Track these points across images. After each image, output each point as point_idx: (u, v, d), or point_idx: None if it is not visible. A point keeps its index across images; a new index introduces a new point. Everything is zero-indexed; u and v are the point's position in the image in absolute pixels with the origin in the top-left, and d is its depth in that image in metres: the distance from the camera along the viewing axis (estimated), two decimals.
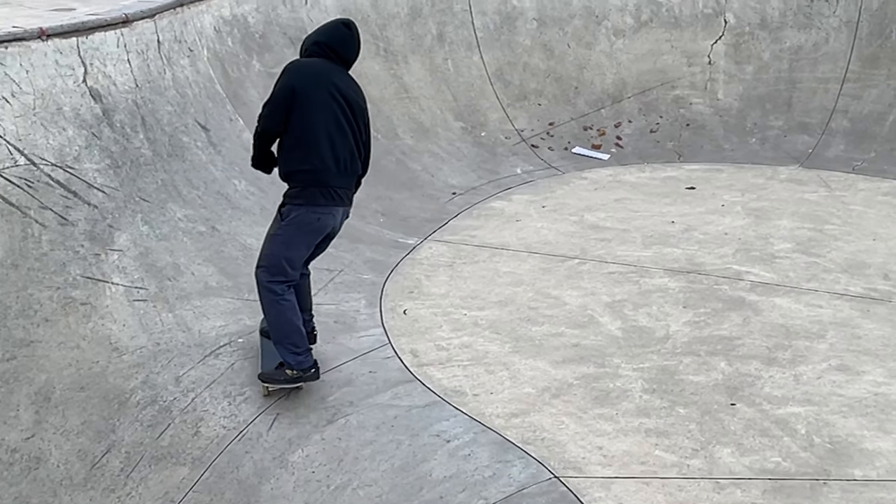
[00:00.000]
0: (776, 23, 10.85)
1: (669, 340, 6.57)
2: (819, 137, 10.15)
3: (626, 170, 9.82)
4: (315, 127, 5.83)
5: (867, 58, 10.51)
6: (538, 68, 10.61)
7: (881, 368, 6.18)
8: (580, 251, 7.96)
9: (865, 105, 10.28)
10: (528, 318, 6.88)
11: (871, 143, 9.97)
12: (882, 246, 7.97)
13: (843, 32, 10.67)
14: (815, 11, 10.79)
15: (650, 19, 10.95)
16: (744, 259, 7.75)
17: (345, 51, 6.03)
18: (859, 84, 10.41)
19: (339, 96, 5.87)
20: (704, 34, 10.91)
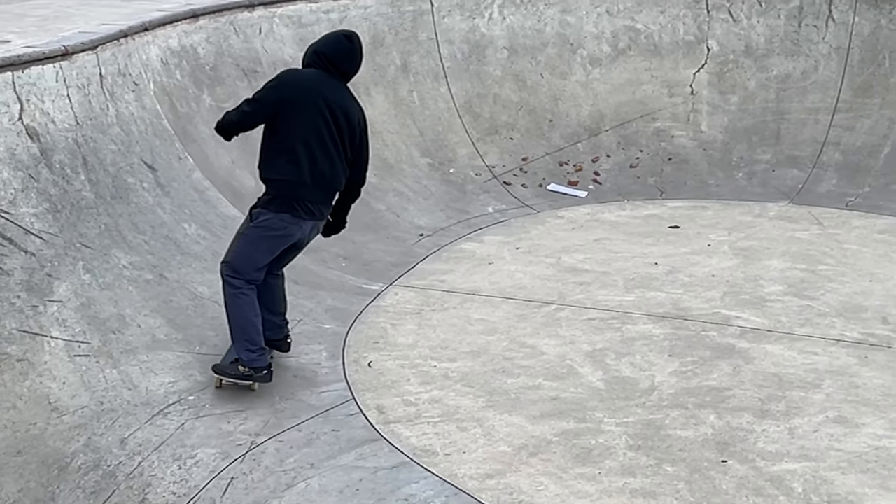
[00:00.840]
0: (762, 50, 10.94)
1: (655, 392, 6.54)
2: (810, 171, 10.21)
3: (605, 207, 9.83)
4: (296, 139, 6.21)
5: (859, 86, 10.60)
6: (510, 100, 10.63)
7: (882, 420, 6.17)
8: (558, 296, 7.94)
9: (858, 137, 10.36)
10: (503, 370, 6.84)
11: (865, 176, 10.04)
12: (879, 287, 7.99)
13: (834, 60, 10.77)
14: (803, 38, 10.89)
15: (628, 47, 11.01)
16: (733, 303, 7.76)
17: (343, 63, 6.39)
18: (851, 114, 10.50)
19: (327, 110, 6.22)
20: (686, 62, 10.98)
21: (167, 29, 8.78)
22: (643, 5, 11.13)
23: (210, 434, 6.02)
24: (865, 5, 10.79)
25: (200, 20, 9.15)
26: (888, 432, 6.05)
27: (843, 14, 10.84)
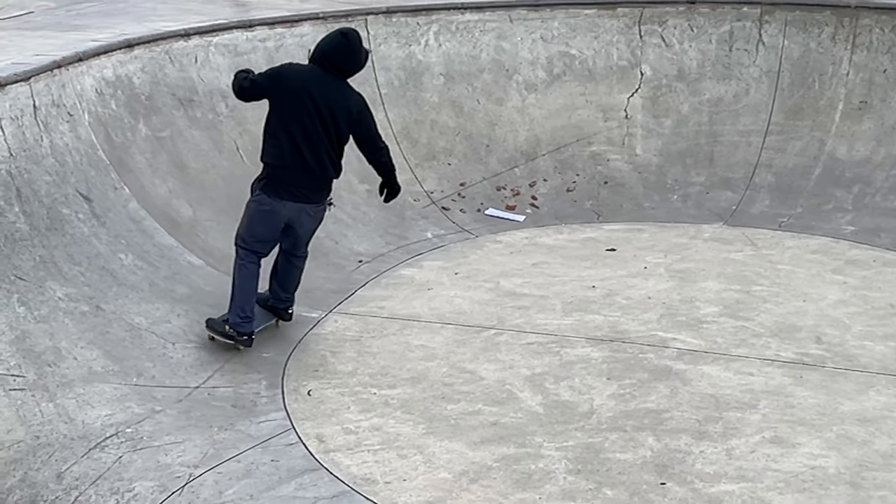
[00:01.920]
0: (694, 74, 11.01)
1: (594, 415, 6.53)
2: (743, 193, 10.27)
3: (543, 231, 9.83)
4: (281, 128, 6.95)
5: (790, 109, 10.70)
6: (447, 126, 10.61)
7: (817, 439, 6.20)
8: (497, 321, 7.91)
9: (790, 158, 10.44)
10: (443, 396, 6.80)
11: (797, 197, 10.11)
12: (813, 307, 8.04)
13: (765, 83, 10.86)
14: (734, 62, 10.97)
15: (563, 73, 11.04)
16: (669, 325, 7.77)
17: (339, 60, 7.00)
18: (783, 136, 10.58)
19: (311, 104, 6.87)
20: (620, 87, 11.02)
21: (102, 59, 8.67)
22: (577, 31, 11.17)
23: (148, 467, 5.92)
24: (794, 29, 10.90)
25: (135, 50, 9.04)
26: (824, 451, 6.07)
27: (772, 38, 10.93)
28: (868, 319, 7.82)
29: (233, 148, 9.35)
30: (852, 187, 10.03)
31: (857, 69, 10.60)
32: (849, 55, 10.69)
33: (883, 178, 10.02)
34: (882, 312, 7.94)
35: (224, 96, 9.55)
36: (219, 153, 9.24)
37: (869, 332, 7.62)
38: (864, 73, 10.57)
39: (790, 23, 10.91)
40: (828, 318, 7.86)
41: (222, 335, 7.19)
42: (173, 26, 9.77)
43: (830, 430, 6.31)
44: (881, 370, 7.06)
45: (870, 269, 8.76)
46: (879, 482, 5.78)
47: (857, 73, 10.61)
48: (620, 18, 11.19)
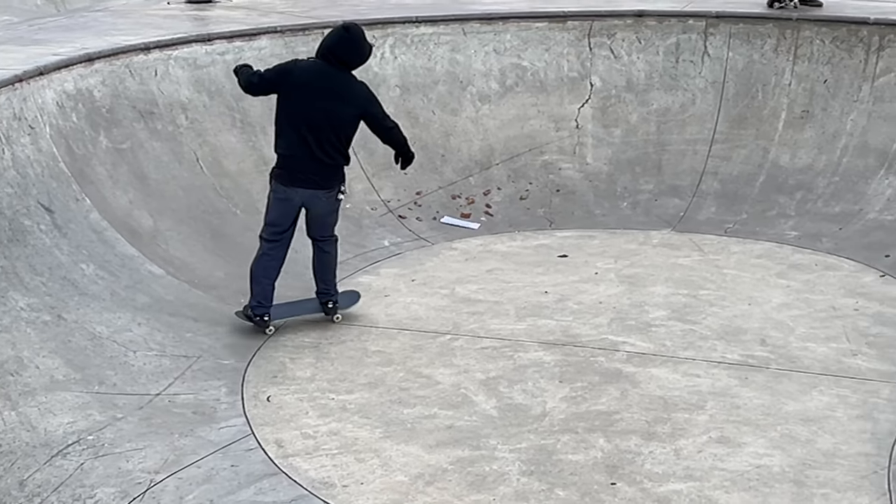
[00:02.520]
0: (642, 85, 11.06)
1: (546, 418, 6.54)
2: (690, 200, 10.33)
3: (497, 239, 9.84)
4: (291, 122, 7.31)
5: (734, 118, 10.77)
6: None
7: (762, 439, 6.24)
8: (452, 326, 7.91)
9: (735, 166, 10.51)
10: (399, 400, 6.79)
11: (742, 204, 10.18)
12: (758, 310, 8.10)
13: (710, 93, 10.92)
14: (680, 73, 11.04)
15: (515, 84, 11.06)
16: (619, 329, 7.80)
17: (341, 52, 7.35)
18: (728, 145, 10.65)
19: (320, 97, 7.22)
20: (571, 98, 11.05)
21: (62, 73, 8.61)
22: (528, 44, 11.19)
23: (109, 473, 5.87)
24: (738, 41, 10.98)
25: (96, 64, 8.98)
26: (768, 451, 6.11)
27: (717, 50, 11.01)
28: (810, 322, 7.88)
29: (193, 159, 9.30)
30: (795, 194, 10.11)
31: (798, 79, 10.70)
32: (791, 66, 10.77)
33: (824, 184, 10.11)
34: (823, 315, 8.00)
35: (184, 108, 9.50)
36: (179, 164, 9.19)
37: (811, 334, 7.68)
38: (806, 83, 10.66)
39: (734, 35, 10.99)
40: (772, 320, 7.92)
41: (245, 316, 7.69)
42: (133, 40, 9.72)
43: (775, 429, 6.36)
44: (823, 371, 7.12)
45: (812, 273, 8.84)
46: (822, 480, 5.83)
47: (798, 83, 10.70)
48: (570, 31, 11.23)
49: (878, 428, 6.37)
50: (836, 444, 6.19)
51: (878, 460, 6.03)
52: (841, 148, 10.26)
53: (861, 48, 10.55)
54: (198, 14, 11.83)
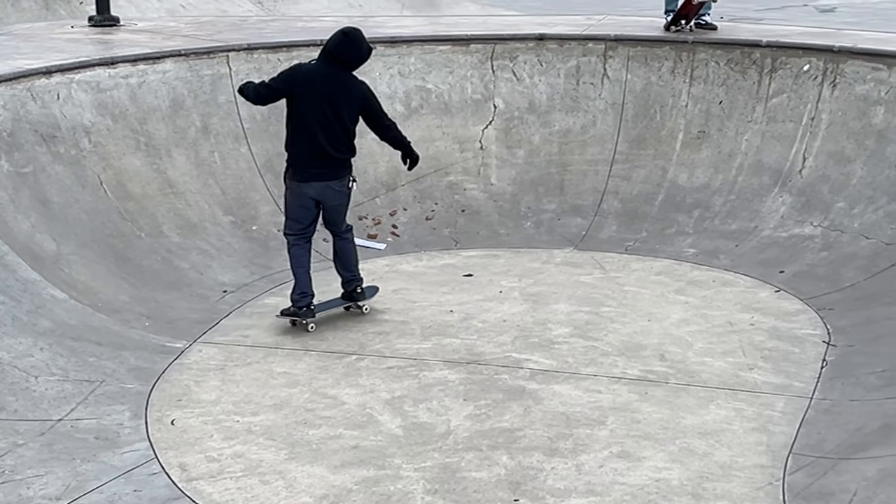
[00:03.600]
0: (544, 107, 11.13)
1: (451, 436, 6.52)
2: (592, 219, 10.40)
3: (404, 259, 9.82)
4: (299, 122, 7.86)
5: (634, 139, 10.87)
6: None
7: (661, 453, 6.28)
8: (358, 346, 7.87)
9: (635, 185, 10.60)
10: (305, 421, 6.72)
11: (642, 222, 10.27)
12: (657, 326, 8.17)
13: (610, 114, 11.02)
14: (581, 94, 11.13)
15: (420, 106, 11.06)
16: (523, 346, 7.82)
17: (341, 53, 7.85)
18: (628, 165, 10.75)
19: (323, 96, 7.75)
20: (475, 119, 11.08)
21: None
22: (433, 67, 11.21)
23: (10, 501, 5.71)
24: (636, 63, 11.10)
25: None
26: (667, 464, 6.15)
27: (616, 72, 11.12)
28: (708, 337, 7.97)
29: (96, 183, 9.14)
30: (693, 212, 10.24)
31: (695, 101, 10.84)
32: (687, 87, 10.92)
33: (721, 202, 10.24)
34: (721, 330, 8.10)
35: (87, 132, 9.35)
36: (82, 188, 9.03)
37: (709, 348, 7.77)
38: (702, 104, 10.80)
39: (632, 58, 11.12)
40: (671, 336, 7.99)
41: (290, 314, 8.04)
42: (35, 64, 9.56)
43: (674, 443, 6.40)
44: (720, 385, 7.19)
45: (710, 289, 8.95)
46: (719, 492, 5.88)
47: (695, 104, 10.85)
48: (474, 54, 11.27)
49: (773, 440, 6.45)
50: (732, 457, 6.25)
51: (773, 472, 6.10)
52: (736, 167, 10.41)
53: (754, 70, 10.74)
54: (101, 37, 11.67)
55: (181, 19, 14.55)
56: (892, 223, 9.19)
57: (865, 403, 6.82)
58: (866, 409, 6.71)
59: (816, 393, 7.08)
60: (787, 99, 10.50)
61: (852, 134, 9.99)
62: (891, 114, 9.84)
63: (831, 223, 9.57)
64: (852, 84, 10.19)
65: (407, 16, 18.55)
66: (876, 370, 7.26)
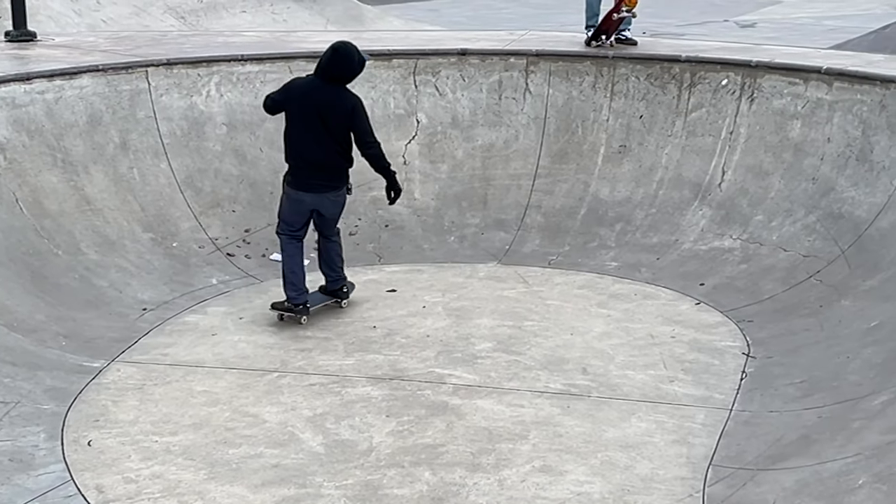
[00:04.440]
0: (467, 121, 11.15)
1: (373, 453, 6.48)
2: (515, 233, 10.43)
3: None
4: (290, 134, 8.30)
5: (556, 153, 10.92)
6: (230, 174, 10.44)
7: (583, 466, 6.29)
8: (280, 364, 7.80)
9: (557, 200, 10.64)
10: (225, 441, 6.64)
11: (565, 236, 10.31)
12: (580, 340, 8.20)
13: (532, 129, 11.06)
14: (503, 109, 11.16)
15: None
16: (446, 361, 7.80)
17: (331, 69, 8.21)
18: (550, 179, 10.79)
19: (313, 108, 8.11)
20: (398, 134, 11.06)
21: None
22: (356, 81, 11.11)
23: None
24: (558, 78, 11.16)
25: None
26: (589, 478, 6.17)
27: (538, 87, 11.16)
28: (630, 350, 8.02)
29: (12, 200, 8.97)
30: (615, 226, 10.30)
31: (616, 115, 10.92)
32: (608, 102, 11.00)
33: (642, 216, 10.32)
34: (642, 343, 8.15)
35: (2, 149, 9.18)
36: None
37: (630, 361, 7.81)
38: (623, 118, 10.89)
39: (554, 73, 11.17)
40: (593, 349, 8.02)
41: (285, 310, 8.43)
42: None
43: (595, 456, 6.42)
44: (642, 398, 7.23)
45: (631, 302, 9.00)
46: None
47: (616, 118, 10.93)
48: (396, 69, 11.26)
49: (693, 452, 6.49)
50: (653, 470, 6.28)
51: (693, 483, 6.14)
52: (657, 181, 10.50)
53: (674, 85, 10.84)
54: (17, 53, 11.47)
55: (100, 34, 14.36)
56: (810, 235, 9.33)
57: (784, 414, 6.89)
58: (785, 420, 6.79)
59: (736, 404, 7.15)
60: (707, 113, 10.62)
61: (770, 147, 10.13)
62: (807, 127, 9.99)
63: (750, 236, 9.68)
64: (770, 98, 10.33)
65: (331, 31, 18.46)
66: (794, 381, 7.35)
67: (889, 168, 9.22)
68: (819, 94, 10.04)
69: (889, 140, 9.36)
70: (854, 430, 6.28)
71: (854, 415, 6.53)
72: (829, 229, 9.26)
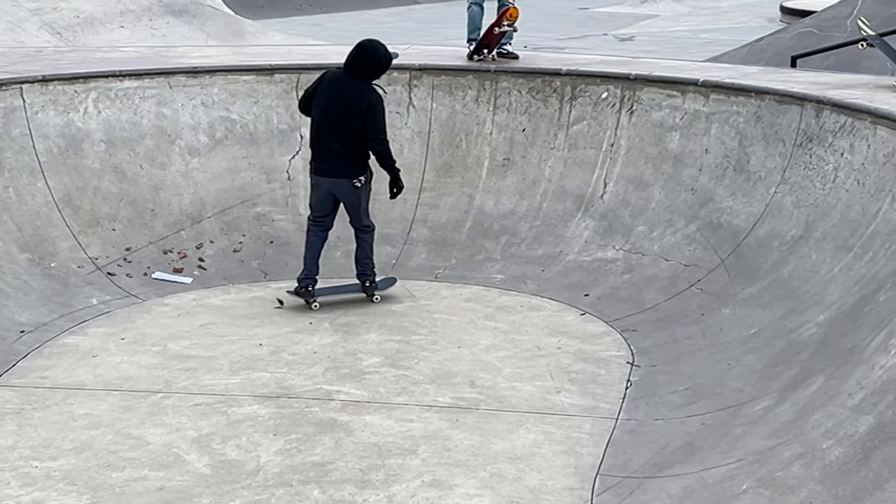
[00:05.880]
0: None
1: (261, 472, 6.40)
2: (401, 248, 10.42)
3: (211, 293, 9.63)
4: (313, 121, 9.00)
5: (440, 167, 10.95)
6: (110, 192, 10.24)
7: (473, 480, 6.30)
8: (164, 384, 7.66)
9: (443, 213, 10.67)
10: (108, 464, 6.49)
11: (451, 250, 10.34)
12: (467, 353, 8.22)
13: (417, 143, 11.08)
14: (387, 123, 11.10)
15: (225, 137, 10.90)
16: (334, 378, 7.75)
17: (353, 64, 8.86)
18: (435, 193, 10.81)
19: (335, 100, 8.79)
20: (281, 150, 10.98)
21: None
22: (237, 97, 11.07)
23: None
24: (441, 92, 11.20)
25: None
26: (478, 491, 6.17)
27: (422, 101, 11.19)
28: (517, 362, 8.06)
29: None
30: (500, 238, 10.36)
31: (499, 128, 11.00)
32: (491, 116, 11.07)
33: (527, 228, 10.40)
34: (529, 354, 8.20)
35: None
36: None
37: (518, 373, 7.85)
38: (506, 132, 10.97)
39: (437, 86, 11.21)
40: (481, 362, 8.05)
41: (295, 293, 9.08)
42: None
43: (484, 469, 6.43)
44: (529, 409, 7.27)
45: (518, 314, 9.06)
46: None
47: (499, 132, 11.00)
48: (278, 84, 11.18)
49: (581, 462, 6.54)
50: (542, 481, 6.31)
51: (581, 493, 6.19)
52: (541, 193, 10.60)
53: (555, 98, 10.96)
54: None
55: None
56: (690, 245, 9.50)
57: (669, 422, 6.99)
58: (669, 428, 6.88)
59: (622, 413, 7.23)
60: (588, 126, 10.75)
61: (650, 159, 10.29)
62: (685, 139, 10.18)
63: (632, 246, 9.82)
64: (649, 111, 10.51)
65: (211, 46, 18.29)
66: (678, 389, 7.47)
67: (765, 178, 9.44)
68: (696, 106, 10.25)
69: (765, 150, 9.59)
70: (737, 435, 6.40)
71: (736, 421, 6.66)
72: (709, 239, 9.44)
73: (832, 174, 8.89)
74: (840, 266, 8.08)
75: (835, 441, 5.51)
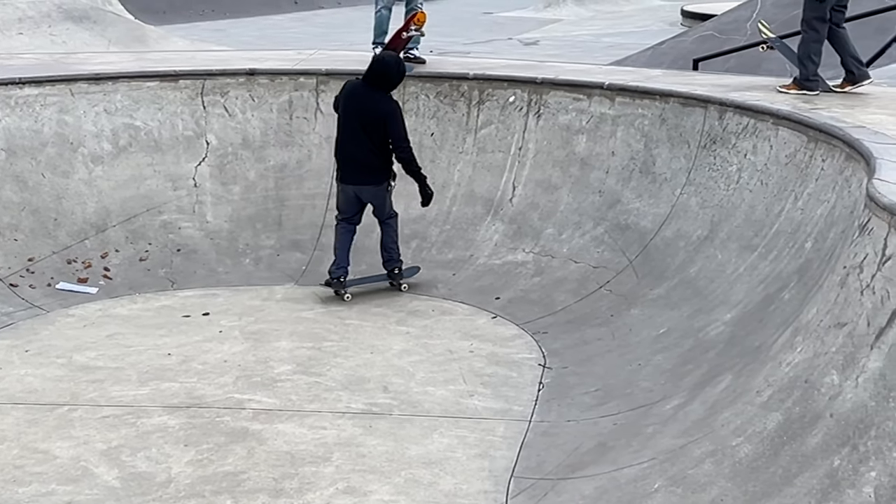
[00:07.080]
0: (258, 142, 11.03)
1: (172, 484, 6.30)
2: (312, 254, 10.36)
3: (117, 302, 9.48)
4: (337, 130, 9.38)
5: None
6: (11, 201, 10.02)
7: (387, 486, 6.27)
8: (70, 396, 7.51)
9: None
10: (14, 479, 6.35)
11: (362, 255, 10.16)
12: (380, 358, 8.19)
13: (325, 148, 11.01)
14: (295, 129, 11.09)
15: (129, 144, 10.74)
16: (245, 386, 7.67)
17: (371, 77, 9.26)
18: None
19: (354, 111, 9.20)
20: (187, 156, 10.85)
21: None
22: (141, 103, 10.91)
23: None
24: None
25: None
26: (393, 497, 6.16)
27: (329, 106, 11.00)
28: (430, 366, 8.06)
29: None
30: (410, 243, 10.34)
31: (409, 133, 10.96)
32: None
33: (437, 233, 10.41)
34: (441, 359, 8.20)
35: None
36: None
37: (431, 378, 7.85)
38: (415, 136, 10.88)
39: None
40: (394, 367, 8.03)
41: (326, 284, 9.42)
42: None
43: (399, 475, 6.41)
44: (443, 413, 7.27)
45: (429, 319, 9.06)
46: None
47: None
48: (183, 90, 11.05)
49: (495, 465, 6.56)
50: (457, 485, 6.31)
51: (496, 496, 6.20)
52: (450, 197, 10.62)
53: (463, 102, 10.99)
54: None
55: None
56: (598, 247, 9.59)
57: (581, 423, 7.04)
58: (581, 429, 6.93)
59: (535, 416, 7.26)
60: (496, 130, 10.80)
61: (558, 162, 10.37)
62: (592, 142, 10.27)
63: (542, 249, 9.89)
64: (556, 114, 10.59)
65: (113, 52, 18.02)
66: (589, 390, 7.53)
67: (671, 179, 9.57)
68: (602, 109, 10.35)
69: (670, 152, 9.72)
70: (648, 435, 6.47)
71: (647, 420, 6.73)
72: (617, 240, 9.54)
73: (736, 175, 9.04)
74: (745, 265, 8.22)
75: (744, 438, 5.59)
